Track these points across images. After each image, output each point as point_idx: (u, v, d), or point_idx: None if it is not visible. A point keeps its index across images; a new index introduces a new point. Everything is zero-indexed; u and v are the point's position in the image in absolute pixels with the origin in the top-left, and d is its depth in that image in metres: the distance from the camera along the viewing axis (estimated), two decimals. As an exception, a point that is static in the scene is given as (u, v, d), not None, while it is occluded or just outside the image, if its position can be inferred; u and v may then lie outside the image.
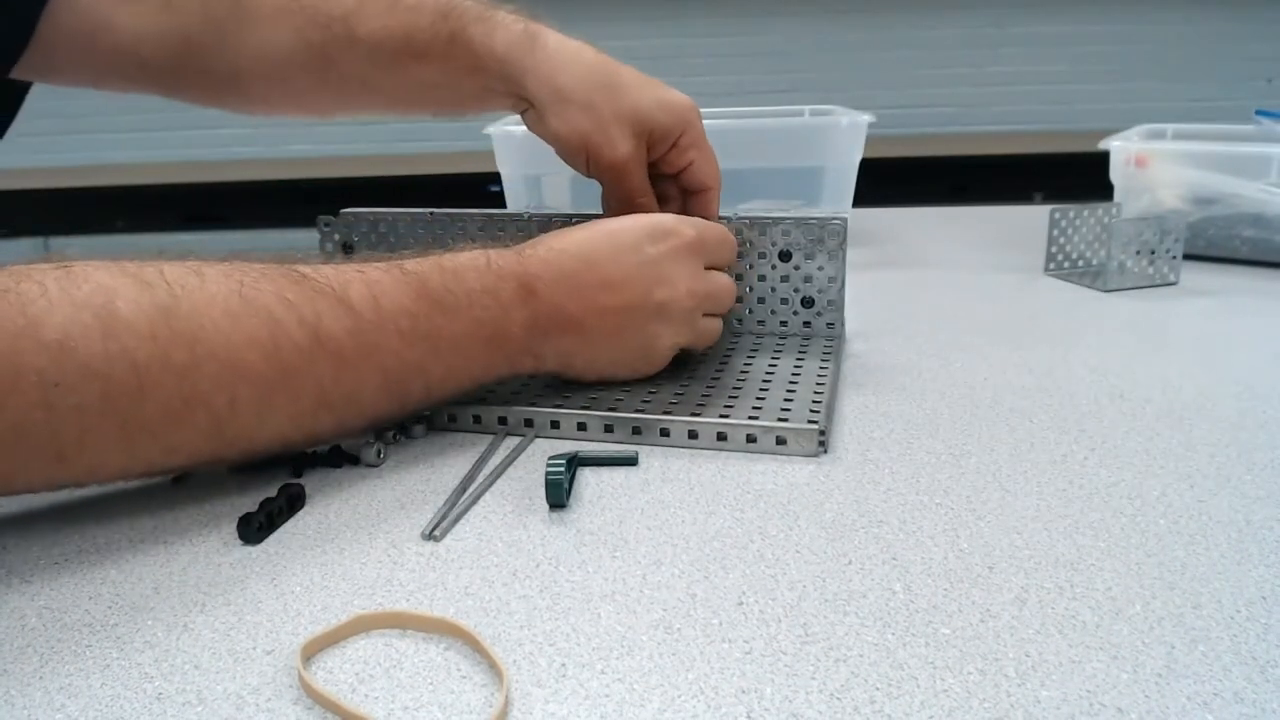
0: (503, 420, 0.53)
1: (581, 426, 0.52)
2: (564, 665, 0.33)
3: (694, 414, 0.51)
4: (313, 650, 0.34)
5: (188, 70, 0.64)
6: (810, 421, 0.50)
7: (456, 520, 0.43)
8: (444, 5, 0.61)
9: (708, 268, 0.56)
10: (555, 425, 0.52)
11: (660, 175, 0.63)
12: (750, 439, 0.50)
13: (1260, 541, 0.40)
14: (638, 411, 0.52)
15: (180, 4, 0.62)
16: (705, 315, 0.57)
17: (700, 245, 0.56)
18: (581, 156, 0.60)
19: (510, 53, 0.59)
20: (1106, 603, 0.36)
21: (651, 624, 0.35)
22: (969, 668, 0.32)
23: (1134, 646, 0.33)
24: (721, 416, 0.51)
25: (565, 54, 0.60)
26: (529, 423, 0.53)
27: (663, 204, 0.63)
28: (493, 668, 0.33)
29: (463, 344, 0.49)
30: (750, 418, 0.51)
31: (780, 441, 0.50)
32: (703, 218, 0.61)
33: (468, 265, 0.50)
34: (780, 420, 0.50)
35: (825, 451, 0.49)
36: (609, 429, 0.52)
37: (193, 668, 0.34)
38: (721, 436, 0.50)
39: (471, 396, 0.53)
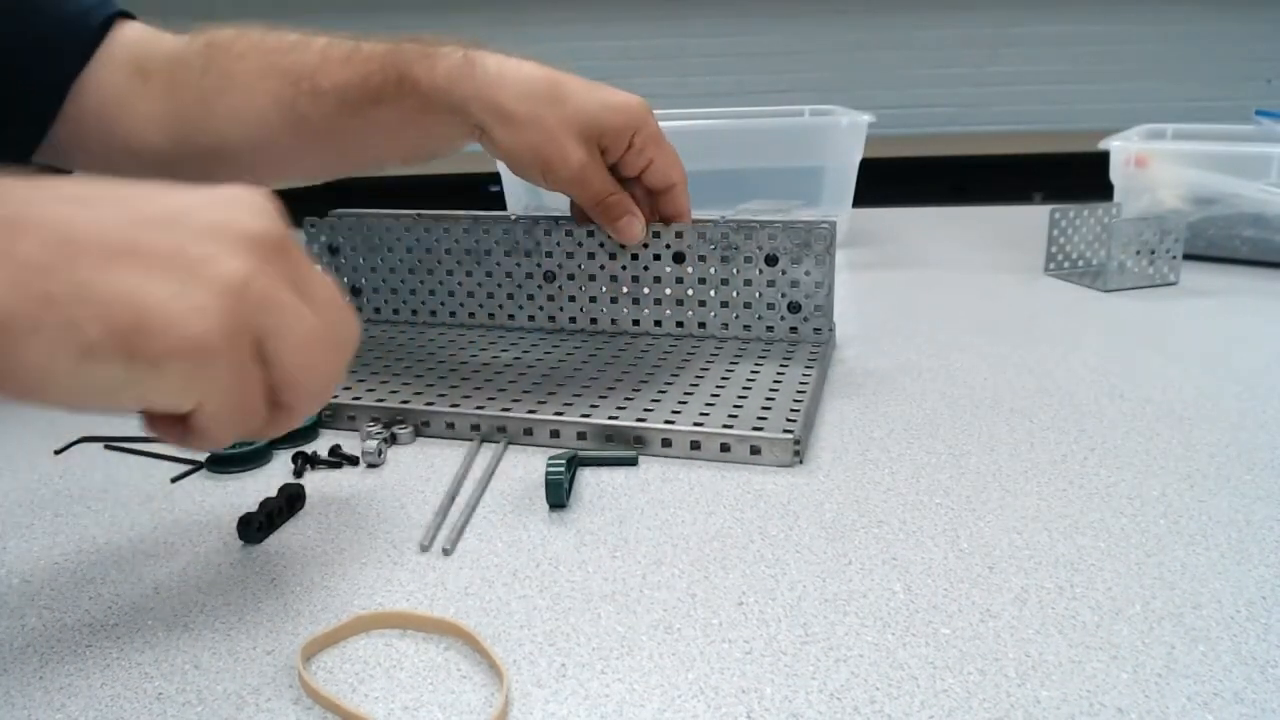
0: (475, 427, 0.53)
1: (555, 433, 0.51)
2: (564, 665, 0.33)
3: (669, 421, 0.50)
4: (313, 650, 0.34)
5: (184, 146, 0.66)
6: (785, 431, 0.49)
7: (452, 531, 0.43)
8: (390, 50, 0.62)
9: None
10: (529, 432, 0.52)
11: (624, 179, 0.63)
12: (724, 448, 0.49)
13: (1260, 541, 0.40)
14: (612, 419, 0.51)
15: (181, 81, 0.65)
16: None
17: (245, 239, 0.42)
18: (536, 170, 0.59)
19: (452, 83, 0.60)
20: (1106, 603, 0.36)
21: (651, 624, 0.35)
22: (969, 668, 0.32)
23: (1134, 646, 0.33)
24: (696, 425, 0.50)
25: (505, 72, 0.59)
26: (501, 429, 0.52)
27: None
28: (493, 668, 0.33)
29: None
30: (725, 426, 0.50)
31: (755, 451, 0.49)
32: (675, 215, 0.62)
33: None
34: (755, 429, 0.49)
35: (801, 462, 0.49)
36: (582, 436, 0.51)
37: (193, 668, 0.34)
38: (695, 445, 0.49)
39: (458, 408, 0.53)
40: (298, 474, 0.49)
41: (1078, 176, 1.31)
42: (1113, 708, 0.30)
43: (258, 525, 0.42)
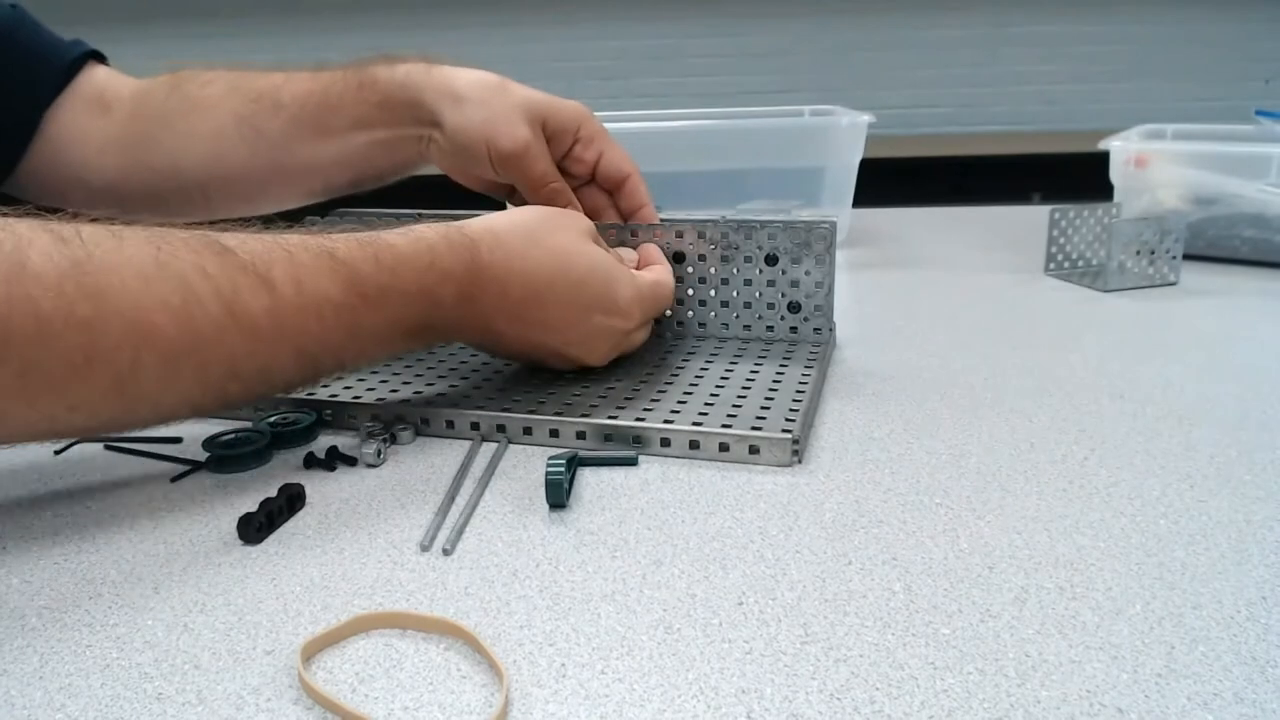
0: (475, 426, 0.53)
1: (554, 433, 0.51)
2: (564, 665, 0.33)
3: (667, 420, 0.50)
4: (313, 650, 0.34)
5: (136, 170, 0.68)
6: (784, 430, 0.49)
7: (452, 531, 0.43)
8: (354, 64, 0.66)
9: None
10: (528, 431, 0.52)
11: (584, 183, 0.64)
12: (723, 448, 0.49)
13: (1260, 541, 0.40)
14: (611, 418, 0.51)
15: (144, 108, 0.69)
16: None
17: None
18: (482, 149, 0.61)
19: (410, 77, 0.64)
20: (1106, 603, 0.36)
21: (651, 624, 0.35)
22: (969, 668, 0.32)
23: (1134, 646, 0.33)
24: (694, 424, 0.50)
25: (459, 71, 0.64)
26: (501, 428, 0.52)
27: (594, 216, 0.64)
28: (493, 668, 0.33)
29: (385, 334, 0.49)
30: (724, 425, 0.50)
31: (753, 450, 0.49)
32: (638, 209, 0.64)
33: (408, 262, 0.49)
34: (754, 429, 0.49)
35: (799, 461, 0.49)
36: (581, 435, 0.51)
37: (193, 668, 0.34)
38: (694, 444, 0.49)
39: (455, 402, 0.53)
40: (308, 465, 0.49)
41: (1078, 176, 1.31)
42: (1113, 708, 0.30)
43: (258, 525, 0.42)
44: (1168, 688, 0.31)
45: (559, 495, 0.44)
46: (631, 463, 0.49)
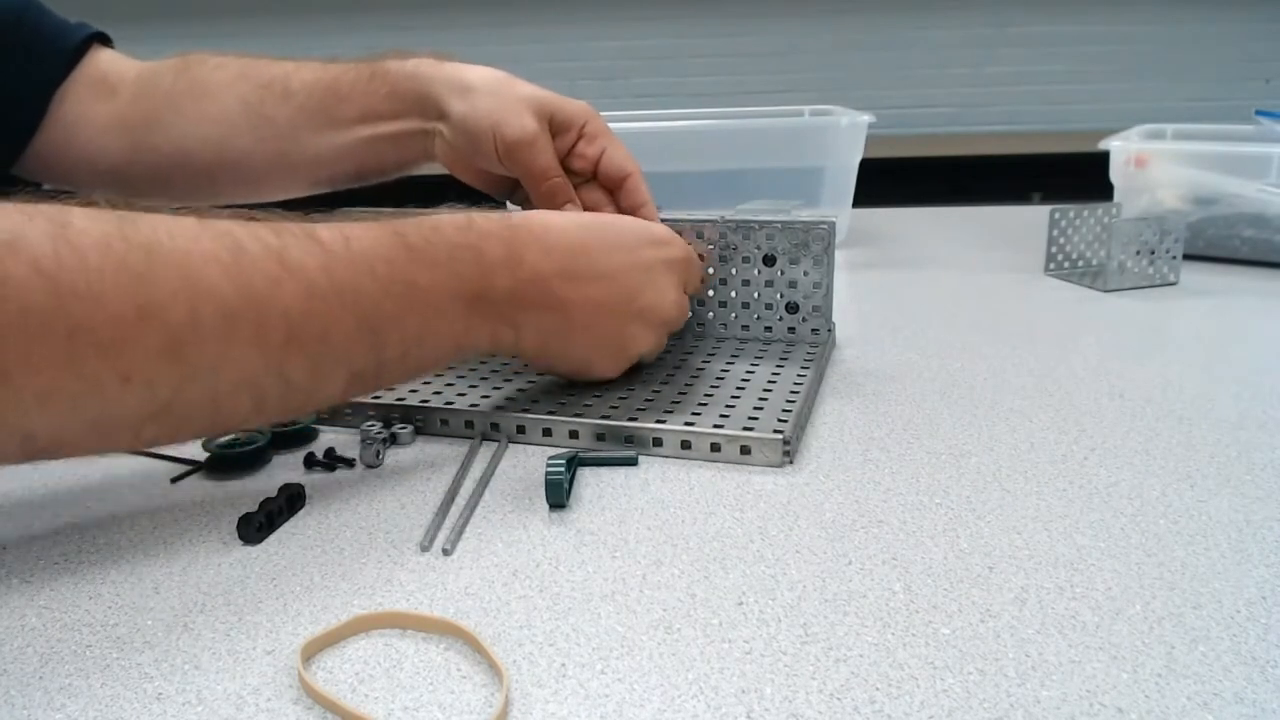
0: (469, 424, 0.53)
1: (547, 432, 0.51)
2: (564, 665, 0.33)
3: (660, 421, 0.50)
4: (313, 650, 0.34)
5: (141, 153, 0.68)
6: (776, 431, 0.49)
7: (452, 531, 0.43)
8: (365, 58, 0.67)
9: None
10: (522, 430, 0.52)
11: (585, 180, 0.64)
12: (714, 448, 0.49)
13: (1260, 541, 0.40)
14: (604, 418, 0.51)
15: (150, 90, 0.69)
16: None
17: (687, 264, 0.58)
18: (489, 137, 0.61)
19: (420, 69, 0.64)
20: (1106, 603, 0.36)
21: (651, 624, 0.35)
22: (969, 668, 0.32)
23: (1134, 646, 0.33)
24: (687, 424, 0.50)
25: (470, 65, 0.64)
26: (495, 426, 0.52)
27: (595, 210, 0.64)
28: (493, 668, 0.33)
29: (442, 300, 0.47)
30: (716, 426, 0.49)
31: (745, 451, 0.49)
32: (639, 207, 0.63)
33: (447, 221, 0.48)
34: (746, 429, 0.49)
35: (791, 462, 0.49)
36: (574, 435, 0.51)
37: (193, 668, 0.34)
38: (686, 444, 0.49)
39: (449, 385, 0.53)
40: (309, 465, 0.49)
41: (1078, 176, 1.31)
42: (1113, 708, 0.30)
43: (258, 525, 0.42)
44: (1168, 688, 0.31)
45: (559, 495, 0.44)
46: (631, 463, 0.49)
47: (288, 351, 0.41)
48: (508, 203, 0.67)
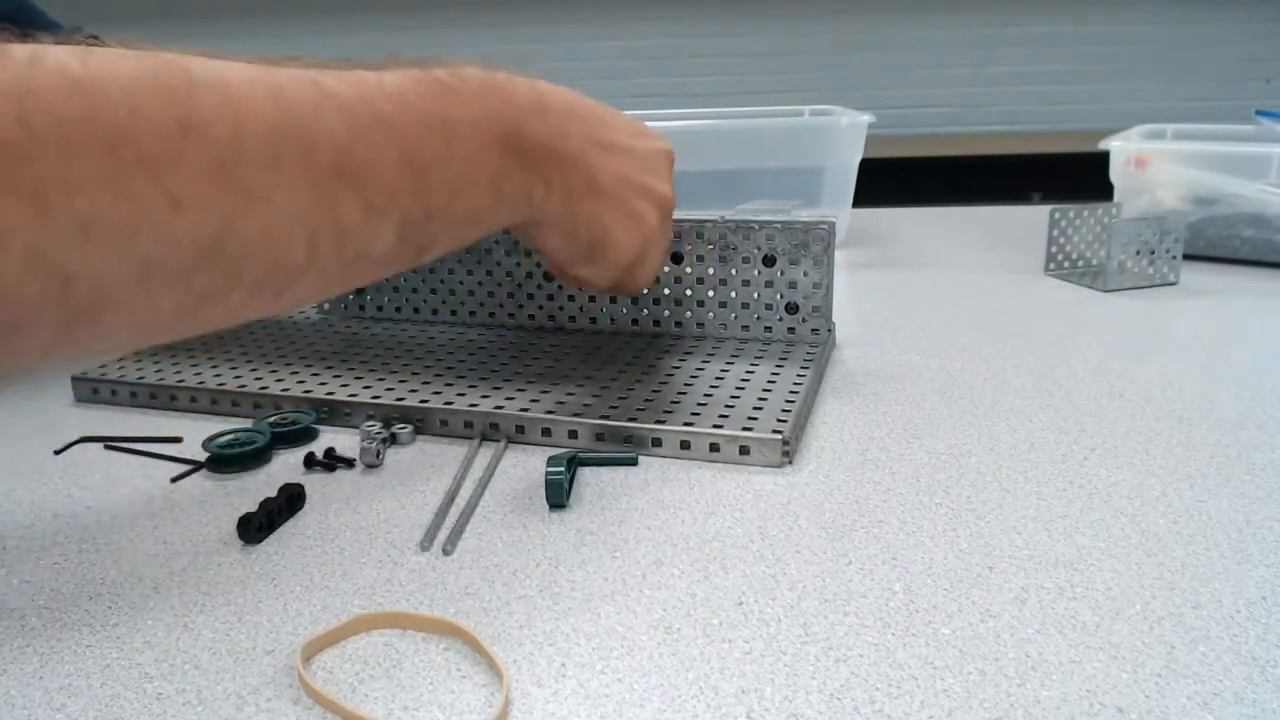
0: (468, 424, 0.53)
1: (546, 432, 0.51)
2: (564, 665, 0.33)
3: (659, 421, 0.50)
4: (313, 650, 0.34)
5: None
6: (775, 431, 0.49)
7: (452, 531, 0.43)
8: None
9: None
10: (520, 430, 0.52)
11: None
12: (713, 448, 0.49)
13: (1260, 541, 0.40)
14: (604, 418, 0.51)
15: None
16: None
17: (672, 162, 0.55)
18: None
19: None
20: (1106, 603, 0.36)
21: (651, 624, 0.35)
22: (969, 668, 0.32)
23: (1134, 646, 0.33)
24: (686, 425, 0.50)
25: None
26: (495, 426, 0.52)
27: None
28: (493, 668, 0.33)
29: (480, 140, 0.45)
30: (715, 426, 0.49)
31: (744, 451, 0.48)
32: None
33: (466, 64, 0.46)
34: (745, 429, 0.49)
35: (790, 462, 0.49)
36: (573, 435, 0.51)
37: (193, 668, 0.34)
38: (685, 445, 0.49)
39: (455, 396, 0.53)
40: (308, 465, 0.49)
41: (1078, 176, 1.31)
42: (1113, 708, 0.30)
43: (258, 525, 0.42)
44: (1168, 688, 0.31)
45: (559, 495, 0.44)
46: (631, 462, 0.49)
47: (338, 185, 0.39)
48: None
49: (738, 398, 0.54)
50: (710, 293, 0.65)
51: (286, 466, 0.50)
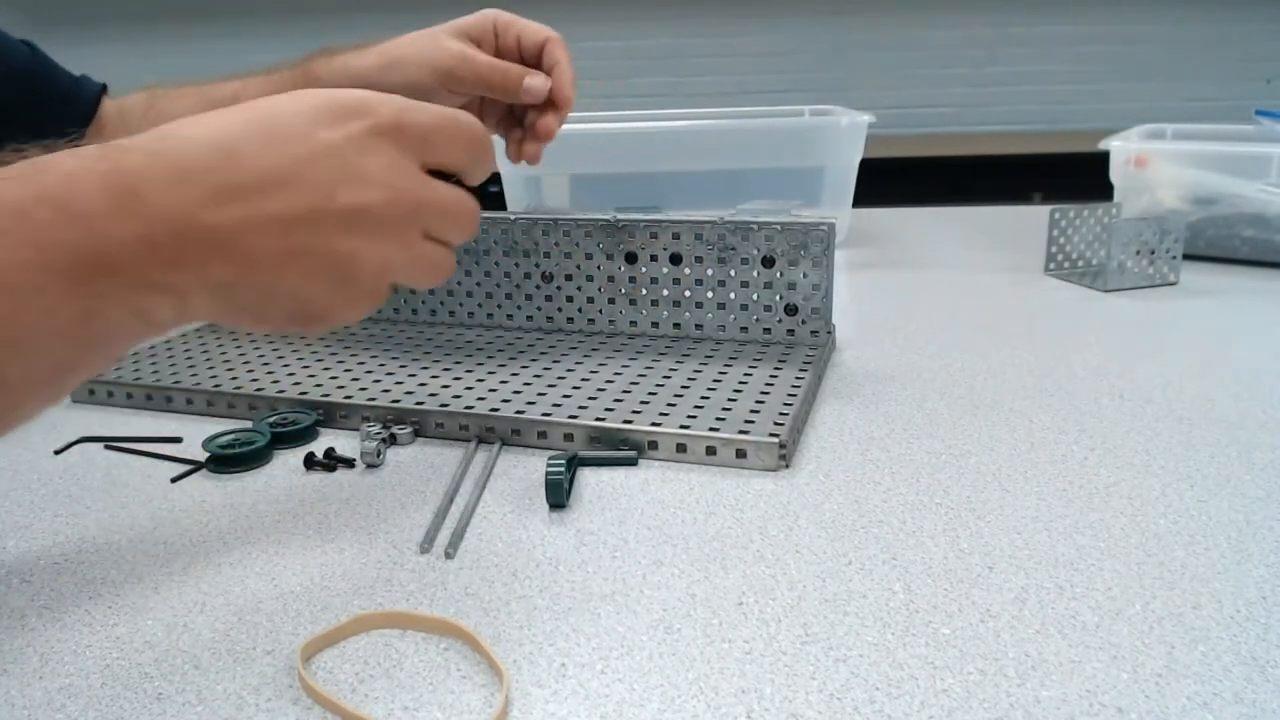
0: (464, 427, 0.53)
1: (541, 434, 0.51)
2: (564, 665, 0.33)
3: (655, 424, 0.50)
4: (313, 650, 0.34)
5: None
6: (772, 435, 0.48)
7: (453, 533, 0.43)
8: (301, 60, 0.70)
9: (429, 170, 0.39)
10: (517, 432, 0.52)
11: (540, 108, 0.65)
12: (710, 451, 0.49)
13: (1260, 541, 0.40)
14: (599, 420, 0.51)
15: (124, 126, 0.72)
16: (428, 238, 0.39)
17: (406, 131, 0.39)
18: (430, 84, 0.64)
19: (347, 61, 0.67)
20: (1106, 603, 0.36)
21: (651, 624, 0.35)
22: (969, 668, 0.32)
23: (1134, 646, 0.33)
24: (682, 428, 0.49)
25: (392, 39, 0.67)
26: (490, 429, 0.52)
27: (549, 138, 0.66)
28: (493, 668, 0.33)
29: (28, 280, 0.31)
30: (712, 429, 0.49)
31: (740, 454, 0.48)
32: (552, 67, 0.66)
33: (4, 174, 0.32)
34: (741, 433, 0.49)
35: (786, 465, 0.48)
36: (569, 437, 0.51)
37: (193, 668, 0.34)
38: (681, 448, 0.49)
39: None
40: (309, 467, 0.49)
41: (1078, 176, 1.31)
42: (1113, 708, 0.30)
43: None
44: (1168, 688, 0.31)
45: (559, 495, 0.44)
46: (631, 463, 0.49)
47: None
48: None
49: (735, 400, 0.53)
50: (709, 294, 0.65)
51: (286, 466, 0.50)
